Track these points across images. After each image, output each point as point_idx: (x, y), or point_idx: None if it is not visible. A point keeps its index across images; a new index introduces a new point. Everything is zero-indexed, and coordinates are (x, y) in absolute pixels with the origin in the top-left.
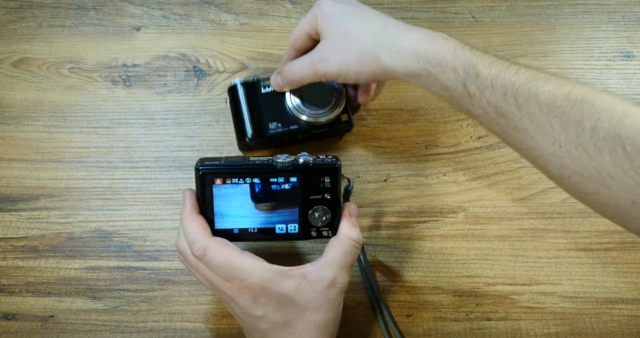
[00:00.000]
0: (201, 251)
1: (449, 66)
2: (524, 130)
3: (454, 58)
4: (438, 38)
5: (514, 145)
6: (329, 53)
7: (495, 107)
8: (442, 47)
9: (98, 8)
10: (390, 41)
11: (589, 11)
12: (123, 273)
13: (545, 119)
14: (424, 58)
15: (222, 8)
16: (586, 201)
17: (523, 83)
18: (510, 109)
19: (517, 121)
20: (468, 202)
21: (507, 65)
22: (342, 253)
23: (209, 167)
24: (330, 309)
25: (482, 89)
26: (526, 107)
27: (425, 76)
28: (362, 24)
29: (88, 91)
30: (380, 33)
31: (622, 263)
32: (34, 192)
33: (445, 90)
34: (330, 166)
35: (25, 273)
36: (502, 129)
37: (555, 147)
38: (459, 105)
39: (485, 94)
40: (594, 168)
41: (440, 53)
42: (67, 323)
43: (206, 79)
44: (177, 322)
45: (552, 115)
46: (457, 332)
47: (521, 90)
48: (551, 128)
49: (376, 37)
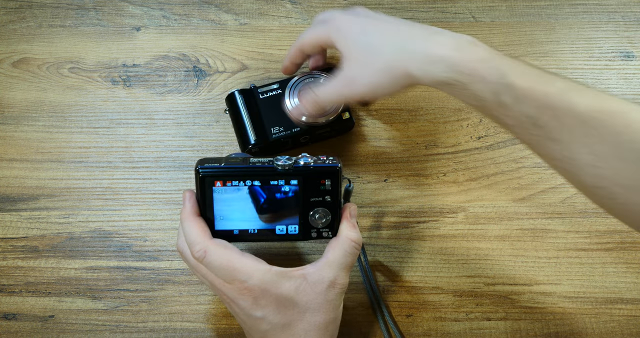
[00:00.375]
0: (201, 253)
1: (481, 76)
2: (560, 141)
3: (485, 67)
4: (467, 44)
5: (547, 155)
6: (356, 76)
7: (530, 118)
8: (473, 55)
9: (98, 8)
10: (419, 51)
11: (589, 11)
12: (123, 273)
13: (583, 129)
14: (454, 68)
15: (222, 8)
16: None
17: (558, 93)
18: (547, 119)
19: (554, 132)
20: (468, 202)
21: (539, 74)
22: (342, 254)
23: (209, 169)
24: (331, 310)
25: (516, 100)
26: (563, 118)
27: (456, 86)
28: (385, 38)
29: (88, 91)
30: (406, 45)
31: (622, 263)
32: (34, 192)
33: (476, 100)
34: (332, 169)
35: (25, 273)
36: (536, 140)
37: (593, 158)
38: (490, 115)
39: (519, 105)
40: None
41: (471, 62)
42: (67, 323)
43: (206, 79)
44: (177, 322)
45: (590, 126)
46: (457, 332)
47: (557, 101)
48: (589, 139)
49: (403, 50)
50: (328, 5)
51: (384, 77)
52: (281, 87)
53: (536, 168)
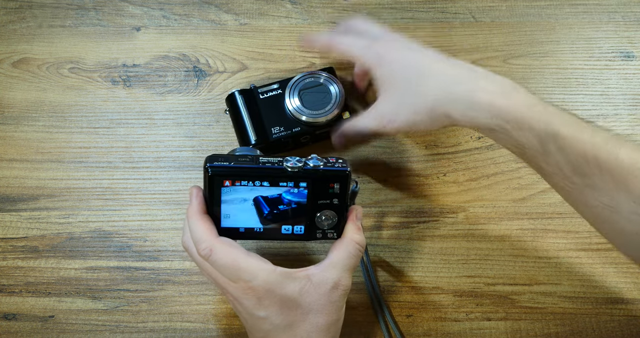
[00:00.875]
0: (207, 251)
1: (526, 124)
2: (600, 189)
3: (531, 115)
4: (511, 90)
5: (580, 202)
6: (393, 113)
7: (573, 166)
8: (518, 102)
9: (98, 8)
10: (462, 97)
11: (589, 11)
12: (123, 274)
13: (627, 178)
14: (498, 115)
15: (222, 8)
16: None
17: (602, 143)
18: (591, 168)
19: (596, 180)
20: (468, 202)
21: (579, 122)
22: (346, 255)
23: (219, 168)
24: (333, 312)
25: (561, 148)
26: (607, 167)
27: (499, 132)
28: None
29: (88, 91)
30: (450, 88)
31: (622, 263)
32: (34, 192)
33: (518, 146)
34: (341, 173)
35: (25, 273)
36: (576, 187)
37: (636, 206)
38: (530, 162)
39: (564, 153)
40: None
41: (517, 110)
42: (67, 323)
43: (206, 79)
44: (177, 322)
45: (634, 176)
46: (457, 332)
47: (602, 150)
48: (633, 187)
49: (447, 93)
50: (328, 6)
51: (423, 118)
52: (281, 87)
53: None
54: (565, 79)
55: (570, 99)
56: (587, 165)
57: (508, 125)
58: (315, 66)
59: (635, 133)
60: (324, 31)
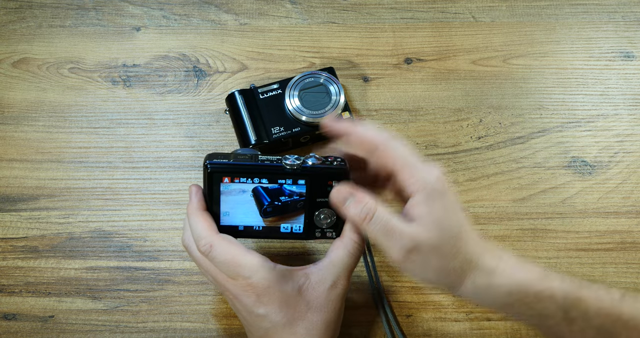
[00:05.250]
0: (207, 247)
1: (547, 294)
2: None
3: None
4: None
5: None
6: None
7: (598, 329)
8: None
9: (98, 8)
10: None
11: (589, 11)
12: (123, 274)
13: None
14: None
15: (222, 8)
16: None
17: (624, 304)
18: (618, 330)
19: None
20: (468, 202)
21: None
22: (345, 255)
23: (218, 164)
24: (332, 310)
25: (585, 314)
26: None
27: (517, 307)
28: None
29: (88, 91)
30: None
31: (622, 263)
32: (34, 192)
33: (539, 318)
34: (339, 170)
35: (25, 273)
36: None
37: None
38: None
39: (589, 319)
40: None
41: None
42: (67, 323)
43: (206, 79)
44: (177, 322)
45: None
46: (457, 332)
47: (626, 312)
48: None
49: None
50: (328, 6)
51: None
52: (281, 87)
53: (536, 168)
54: (565, 79)
55: (570, 99)
56: (616, 327)
57: (528, 299)
58: (315, 66)
59: (635, 133)
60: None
